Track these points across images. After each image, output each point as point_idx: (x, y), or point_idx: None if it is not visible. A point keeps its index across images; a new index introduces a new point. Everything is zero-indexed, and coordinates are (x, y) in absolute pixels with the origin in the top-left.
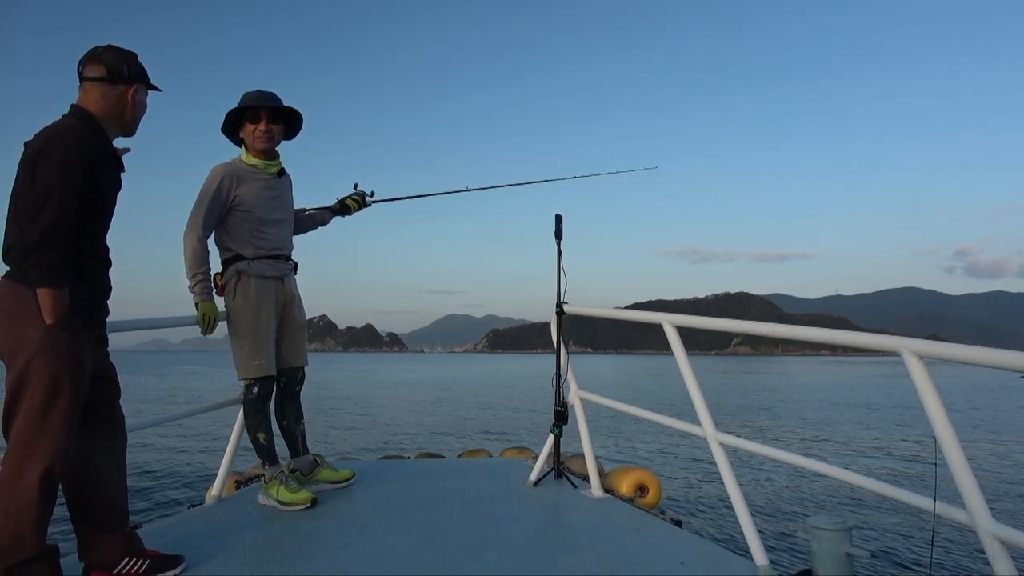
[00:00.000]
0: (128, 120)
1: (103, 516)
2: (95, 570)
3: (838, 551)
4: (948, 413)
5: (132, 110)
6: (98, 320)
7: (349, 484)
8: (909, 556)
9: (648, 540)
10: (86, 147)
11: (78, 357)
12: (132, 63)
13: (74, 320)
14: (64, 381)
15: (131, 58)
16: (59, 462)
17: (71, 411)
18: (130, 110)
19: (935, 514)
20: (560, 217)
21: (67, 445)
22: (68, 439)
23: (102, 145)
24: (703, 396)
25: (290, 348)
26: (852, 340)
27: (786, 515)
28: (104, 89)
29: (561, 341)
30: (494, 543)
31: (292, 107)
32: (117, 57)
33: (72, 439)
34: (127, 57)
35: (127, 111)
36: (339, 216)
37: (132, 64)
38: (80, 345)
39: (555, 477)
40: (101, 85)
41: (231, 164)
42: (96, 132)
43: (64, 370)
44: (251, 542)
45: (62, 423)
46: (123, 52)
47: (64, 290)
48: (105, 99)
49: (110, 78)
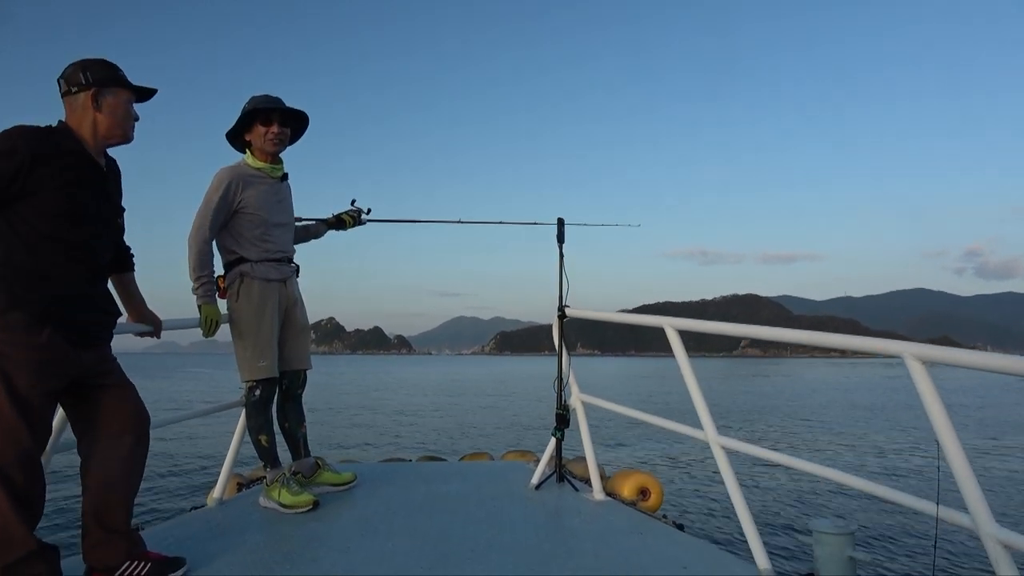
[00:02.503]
0: (106, 125)
1: (105, 516)
2: (96, 572)
3: (841, 555)
4: (954, 413)
5: (103, 114)
6: (67, 323)
7: (351, 487)
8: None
9: (650, 544)
10: (25, 140)
11: (9, 356)
12: (94, 69)
13: (13, 318)
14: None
15: (93, 64)
16: (10, 459)
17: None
18: (100, 114)
19: (937, 518)
20: (562, 220)
21: (9, 442)
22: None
23: (58, 143)
24: (705, 400)
25: (293, 351)
26: (854, 344)
27: (788, 519)
28: (69, 101)
29: (563, 344)
30: (496, 546)
31: (302, 110)
32: (76, 68)
33: (19, 437)
34: (88, 64)
35: (98, 116)
36: (333, 230)
37: (94, 70)
38: (14, 345)
39: (557, 480)
40: (67, 98)
41: (236, 167)
42: (58, 134)
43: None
44: (253, 545)
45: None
46: (86, 61)
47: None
48: (72, 110)
49: (70, 90)
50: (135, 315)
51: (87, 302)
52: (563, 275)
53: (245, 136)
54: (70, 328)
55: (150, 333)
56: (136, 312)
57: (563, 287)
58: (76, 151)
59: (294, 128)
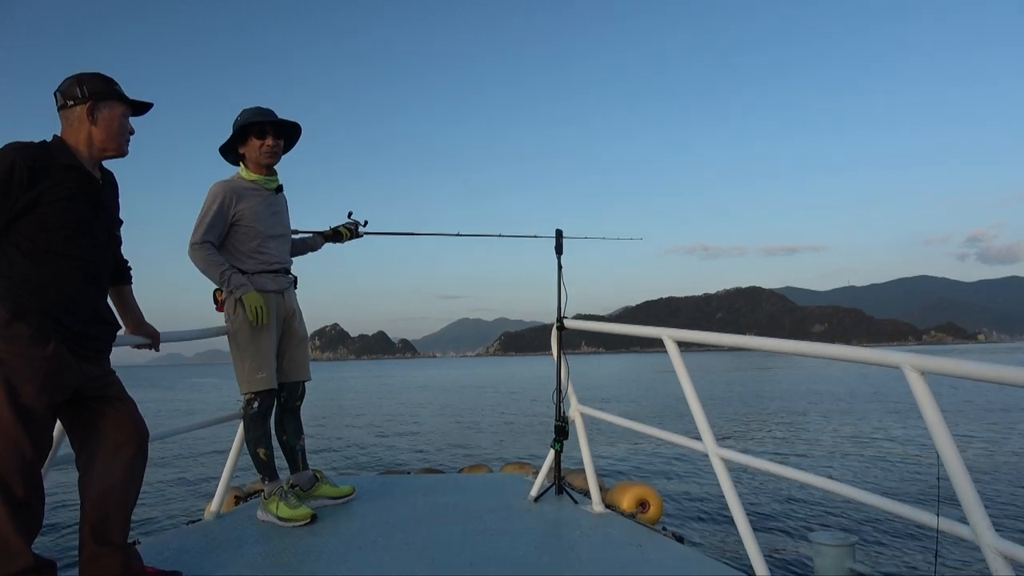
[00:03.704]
0: (101, 138)
1: (102, 530)
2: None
3: (841, 566)
4: (956, 416)
5: (99, 127)
6: (71, 335)
7: (349, 500)
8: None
9: (649, 556)
10: (22, 156)
11: (13, 367)
12: (90, 83)
13: (17, 329)
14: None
15: (90, 78)
16: (11, 470)
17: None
18: (96, 128)
19: (938, 529)
20: (560, 232)
21: (11, 453)
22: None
23: (53, 158)
24: (704, 411)
25: (292, 362)
26: (852, 355)
27: (788, 530)
28: (65, 114)
29: (561, 356)
30: (495, 559)
31: (294, 121)
32: (72, 81)
33: (21, 448)
34: (84, 78)
35: (93, 129)
36: (330, 243)
37: (90, 84)
38: (19, 357)
39: (556, 492)
40: (63, 112)
41: (230, 181)
42: (52, 149)
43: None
44: (250, 558)
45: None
46: (82, 75)
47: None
48: (69, 123)
49: (66, 103)
50: (133, 327)
51: (89, 314)
52: (561, 286)
53: (239, 149)
54: (73, 340)
55: (148, 346)
56: (134, 324)
57: (562, 298)
58: (71, 165)
59: (287, 139)
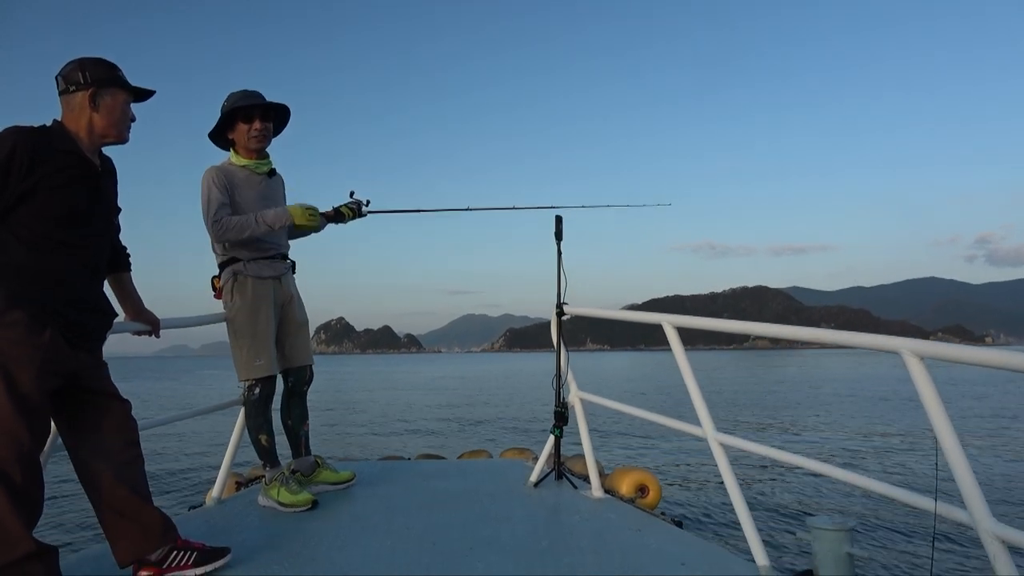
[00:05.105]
0: (102, 125)
1: (120, 505)
2: (143, 566)
3: (839, 551)
4: (955, 405)
5: (100, 114)
6: (67, 322)
7: (350, 485)
8: (910, 556)
9: (649, 541)
10: (22, 140)
11: (10, 355)
12: (93, 68)
13: (14, 317)
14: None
15: (92, 63)
16: (10, 458)
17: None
18: (97, 114)
19: (936, 514)
20: (560, 218)
21: (9, 441)
22: (10, 436)
23: (53, 143)
24: (703, 396)
25: (293, 347)
26: (852, 340)
27: (787, 515)
28: (67, 99)
29: (561, 342)
30: (495, 544)
31: (282, 103)
32: (75, 66)
33: (20, 436)
34: (87, 63)
35: (94, 115)
36: (332, 223)
37: (93, 69)
38: (16, 344)
39: (555, 478)
40: (64, 97)
41: (221, 167)
42: (52, 134)
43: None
44: (251, 544)
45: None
46: (84, 59)
47: None
48: (70, 108)
49: (68, 88)
50: (132, 314)
51: (86, 302)
52: (561, 272)
53: (228, 135)
54: (69, 327)
55: (148, 332)
56: (133, 311)
57: (561, 284)
58: (70, 151)
59: (276, 122)
